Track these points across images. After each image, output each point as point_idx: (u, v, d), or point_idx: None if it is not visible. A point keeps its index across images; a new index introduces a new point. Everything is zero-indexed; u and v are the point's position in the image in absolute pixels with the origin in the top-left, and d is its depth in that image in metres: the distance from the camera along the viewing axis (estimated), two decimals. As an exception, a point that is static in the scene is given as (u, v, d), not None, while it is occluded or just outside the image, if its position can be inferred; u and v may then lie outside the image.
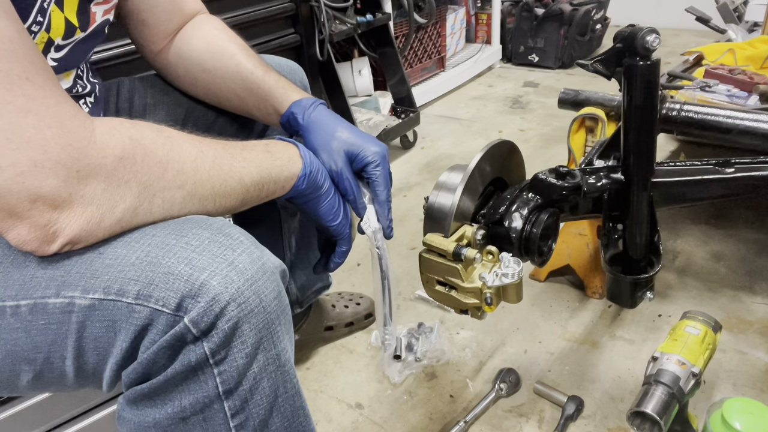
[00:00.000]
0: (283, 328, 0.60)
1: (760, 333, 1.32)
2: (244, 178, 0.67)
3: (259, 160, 0.69)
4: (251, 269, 0.57)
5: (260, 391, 0.59)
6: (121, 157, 0.56)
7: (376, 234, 0.83)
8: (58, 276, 0.56)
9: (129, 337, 0.55)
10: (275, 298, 0.58)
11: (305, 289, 1.24)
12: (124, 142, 0.57)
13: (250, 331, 0.56)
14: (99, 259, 0.56)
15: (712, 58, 1.81)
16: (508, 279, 0.78)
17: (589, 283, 1.47)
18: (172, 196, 0.60)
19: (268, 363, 0.58)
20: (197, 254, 0.56)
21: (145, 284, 0.55)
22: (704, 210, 1.77)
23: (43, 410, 0.97)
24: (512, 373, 1.22)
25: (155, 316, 0.54)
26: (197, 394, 0.57)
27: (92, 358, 0.58)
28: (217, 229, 0.59)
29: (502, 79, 3.19)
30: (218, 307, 0.54)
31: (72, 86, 0.76)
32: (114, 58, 1.33)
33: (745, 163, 1.02)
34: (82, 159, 0.53)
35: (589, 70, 0.99)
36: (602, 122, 1.40)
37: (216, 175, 0.64)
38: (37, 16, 0.63)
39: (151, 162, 0.58)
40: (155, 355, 0.55)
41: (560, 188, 0.93)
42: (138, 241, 0.57)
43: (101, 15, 0.75)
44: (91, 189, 0.54)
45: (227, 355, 0.56)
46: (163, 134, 0.62)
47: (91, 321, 0.56)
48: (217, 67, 0.90)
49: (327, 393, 1.26)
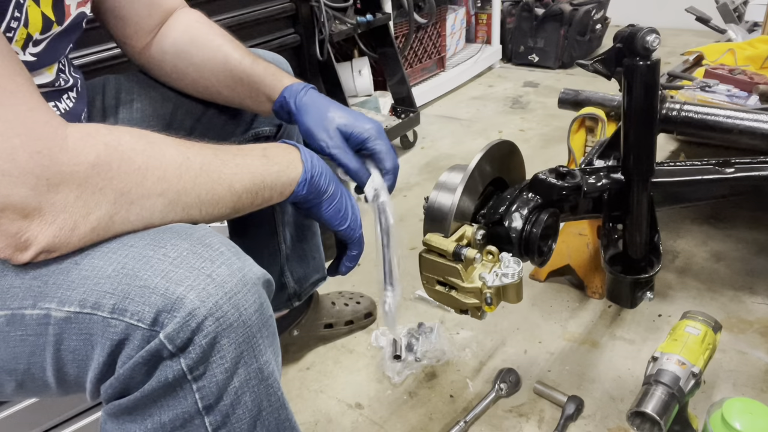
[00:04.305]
0: (266, 341, 0.58)
1: (760, 333, 1.32)
2: (235, 185, 0.65)
3: (253, 165, 0.67)
4: (230, 282, 0.55)
5: (242, 406, 0.57)
6: (95, 164, 0.54)
7: (379, 191, 0.82)
8: (35, 286, 0.56)
9: (105, 351, 0.54)
10: (256, 311, 0.57)
11: (302, 282, 1.24)
12: (98, 148, 0.55)
13: (229, 346, 0.55)
14: (75, 269, 0.55)
15: (712, 58, 1.81)
16: (508, 279, 0.78)
17: (589, 283, 1.47)
18: (152, 205, 0.58)
19: (250, 377, 0.57)
20: (174, 267, 0.54)
21: (121, 298, 0.53)
22: (704, 210, 1.77)
23: (43, 410, 0.97)
24: (512, 373, 1.22)
25: (131, 330, 0.53)
26: (176, 410, 0.56)
27: (72, 369, 0.57)
28: (197, 239, 0.57)
29: (502, 79, 3.19)
30: (195, 323, 0.53)
31: (55, 80, 0.75)
32: (102, 61, 1.33)
33: (745, 163, 1.02)
34: (52, 167, 0.52)
35: (589, 70, 0.99)
36: (602, 122, 1.40)
37: (203, 182, 0.62)
38: (15, 11, 0.63)
39: (128, 169, 0.56)
40: (132, 370, 0.54)
41: (560, 188, 0.93)
42: (115, 251, 0.56)
43: (75, 8, 0.75)
44: (63, 197, 0.53)
45: (206, 371, 0.55)
46: (144, 140, 0.60)
47: (68, 334, 0.55)
48: (204, 59, 0.90)
49: (327, 393, 1.26)
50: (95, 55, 1.34)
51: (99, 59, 1.34)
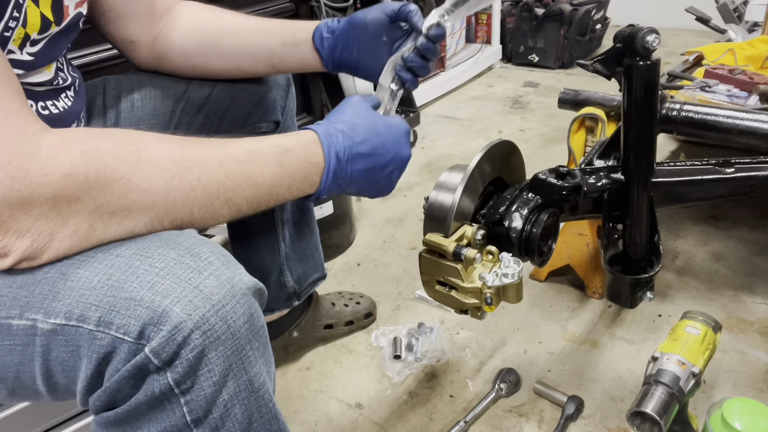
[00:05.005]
0: (257, 352, 0.57)
1: (760, 333, 1.32)
2: (235, 199, 0.62)
3: (262, 177, 0.64)
4: (218, 293, 0.54)
5: (232, 418, 0.56)
6: (69, 174, 0.52)
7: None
8: (22, 296, 0.55)
9: (92, 364, 0.54)
10: (246, 322, 0.55)
11: (302, 281, 1.24)
12: (73, 157, 0.53)
13: (217, 359, 0.54)
14: (61, 280, 0.54)
15: (712, 58, 1.81)
16: (508, 279, 0.78)
17: (589, 283, 1.47)
18: (135, 217, 0.56)
19: (240, 389, 0.56)
20: (161, 278, 0.53)
21: (107, 310, 0.52)
22: (704, 210, 1.77)
23: (41, 412, 0.97)
24: (512, 373, 1.22)
25: (117, 343, 0.52)
26: (165, 423, 0.55)
27: (61, 379, 0.57)
28: (186, 248, 0.56)
29: (502, 79, 3.19)
30: (181, 336, 0.52)
31: (53, 78, 0.75)
32: (102, 61, 1.33)
33: (745, 163, 1.02)
34: (23, 178, 0.51)
35: (589, 70, 0.99)
36: (602, 122, 1.40)
37: (197, 197, 0.59)
38: (14, 11, 0.62)
39: (106, 179, 0.54)
40: (119, 383, 0.53)
41: (560, 188, 0.93)
42: (101, 261, 0.55)
43: (74, 8, 0.75)
44: (36, 208, 0.52)
45: (193, 385, 0.54)
46: (131, 147, 0.57)
47: (56, 345, 0.55)
48: (217, 35, 0.94)
49: (327, 393, 1.26)
50: (95, 55, 1.34)
51: (98, 59, 1.34)
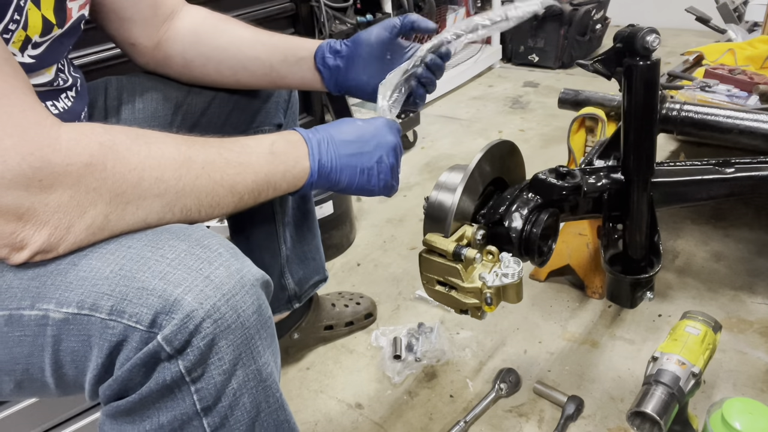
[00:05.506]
0: (264, 342, 0.59)
1: (760, 333, 1.32)
2: (237, 186, 0.65)
3: (258, 164, 0.67)
4: (228, 283, 0.55)
5: (241, 407, 0.58)
6: (88, 163, 0.54)
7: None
8: (33, 287, 0.56)
9: (104, 353, 0.54)
10: (254, 312, 0.57)
11: (303, 283, 1.24)
12: (92, 148, 0.55)
13: (227, 348, 0.55)
14: (73, 270, 0.55)
15: (712, 58, 1.81)
16: (508, 279, 0.78)
17: (589, 283, 1.47)
18: (149, 205, 0.58)
19: (248, 378, 0.57)
20: (172, 268, 0.54)
21: (119, 299, 0.53)
22: (704, 210, 1.77)
23: (42, 410, 0.97)
24: (512, 373, 1.22)
25: (129, 332, 0.53)
26: (175, 411, 0.56)
27: (71, 370, 0.57)
28: (195, 240, 0.57)
29: (502, 79, 3.19)
30: (193, 325, 0.53)
31: (53, 79, 0.76)
32: (102, 61, 1.33)
33: (745, 163, 1.02)
34: (44, 168, 0.52)
35: (589, 70, 0.98)
36: (602, 122, 1.40)
37: (203, 184, 0.62)
38: (14, 14, 0.63)
39: (123, 169, 0.57)
40: (130, 372, 0.54)
41: (560, 188, 0.93)
42: (113, 252, 0.56)
43: (77, 10, 0.75)
44: (56, 197, 0.53)
45: (204, 373, 0.55)
46: (142, 140, 0.59)
47: (67, 335, 0.55)
48: (218, 47, 0.93)
49: (327, 393, 1.26)
50: (95, 55, 1.34)
51: (99, 59, 1.34)
